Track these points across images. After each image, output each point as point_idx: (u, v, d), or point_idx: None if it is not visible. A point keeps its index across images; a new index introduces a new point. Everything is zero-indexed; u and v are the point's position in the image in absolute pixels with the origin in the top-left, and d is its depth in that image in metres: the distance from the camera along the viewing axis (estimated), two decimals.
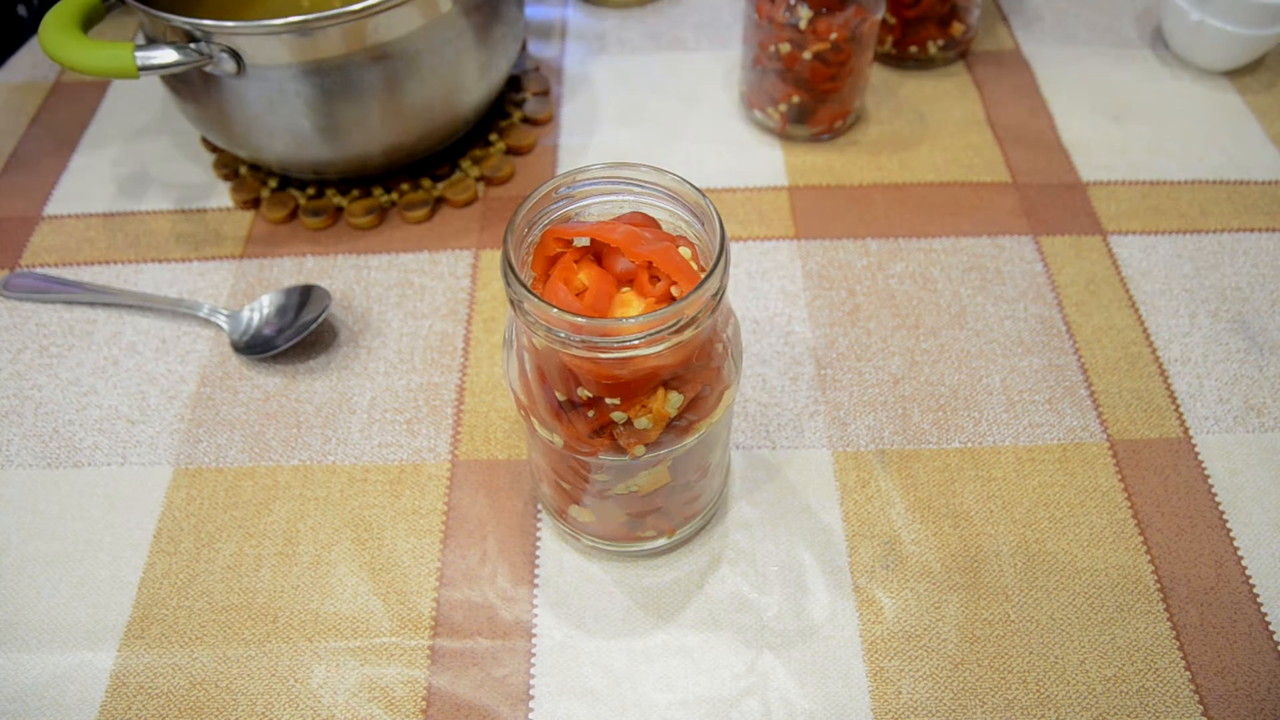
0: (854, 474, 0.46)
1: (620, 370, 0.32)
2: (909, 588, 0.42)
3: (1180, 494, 0.45)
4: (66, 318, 0.53)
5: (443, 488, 0.46)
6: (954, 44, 0.66)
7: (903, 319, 0.52)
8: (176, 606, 0.42)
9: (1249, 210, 0.58)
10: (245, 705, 0.39)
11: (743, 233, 0.57)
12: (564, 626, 0.41)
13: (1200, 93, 0.65)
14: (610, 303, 0.33)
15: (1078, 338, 0.51)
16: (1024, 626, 0.41)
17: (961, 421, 0.48)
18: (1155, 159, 0.61)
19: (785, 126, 0.62)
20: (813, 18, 0.55)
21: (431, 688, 0.40)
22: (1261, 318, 0.52)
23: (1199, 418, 0.48)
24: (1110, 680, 0.40)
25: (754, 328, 0.52)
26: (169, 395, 0.50)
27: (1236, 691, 0.39)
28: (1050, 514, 0.45)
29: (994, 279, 0.54)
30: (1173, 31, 0.66)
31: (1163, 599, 0.42)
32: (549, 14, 0.73)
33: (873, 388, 0.49)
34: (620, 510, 0.40)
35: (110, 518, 0.45)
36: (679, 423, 0.35)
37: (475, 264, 0.56)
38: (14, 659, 0.41)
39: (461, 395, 0.49)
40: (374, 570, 0.43)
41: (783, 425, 0.48)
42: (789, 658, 0.40)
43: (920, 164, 0.61)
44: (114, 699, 0.40)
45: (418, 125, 0.56)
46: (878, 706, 0.39)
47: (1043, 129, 0.63)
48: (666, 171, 0.34)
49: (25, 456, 0.47)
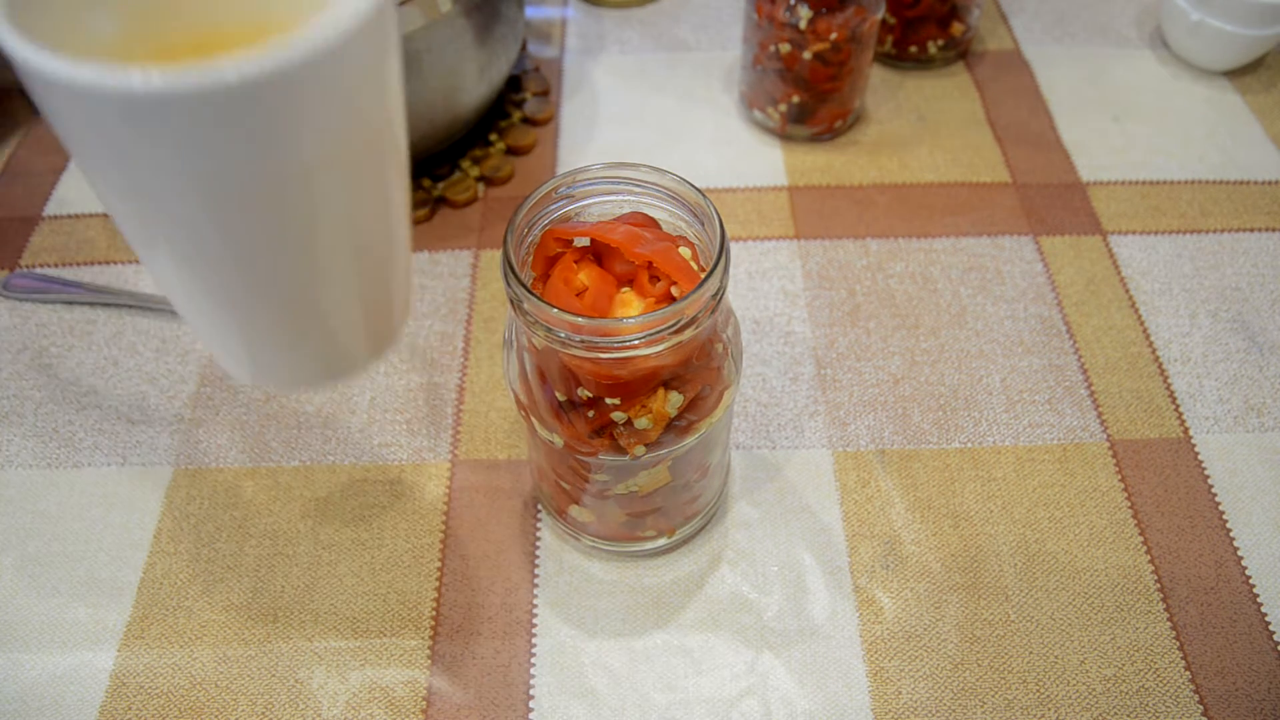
0: (854, 474, 0.46)
1: (620, 370, 0.32)
2: (909, 588, 0.42)
3: (1180, 494, 0.45)
4: (66, 318, 0.53)
5: (443, 488, 0.46)
6: (954, 44, 0.66)
7: (903, 319, 0.52)
8: (176, 606, 0.42)
9: (1249, 210, 0.58)
10: (245, 705, 0.39)
11: (743, 233, 0.57)
12: (564, 626, 0.41)
13: (1200, 93, 0.65)
14: (610, 303, 0.33)
15: (1078, 338, 0.51)
16: (1024, 626, 0.41)
17: (961, 421, 0.48)
18: (1155, 159, 0.61)
19: (785, 126, 0.62)
20: (813, 18, 0.55)
21: (431, 688, 0.40)
22: (1261, 318, 0.52)
23: (1199, 418, 0.48)
24: (1110, 680, 0.40)
25: (754, 328, 0.52)
26: (169, 395, 0.50)
27: (1236, 691, 0.39)
28: (1050, 514, 0.45)
29: (994, 279, 0.54)
30: (1172, 31, 0.66)
31: (1163, 599, 0.42)
32: (549, 14, 0.73)
33: (873, 388, 0.49)
34: (620, 510, 0.40)
35: (110, 518, 0.45)
36: (679, 423, 0.35)
37: (475, 264, 0.56)
38: (14, 659, 0.41)
39: (461, 395, 0.49)
40: (374, 570, 0.43)
41: (783, 425, 0.48)
42: (789, 658, 0.40)
43: (920, 164, 0.61)
44: (114, 699, 0.40)
45: (418, 125, 0.56)
46: (878, 706, 0.39)
47: (1043, 129, 0.63)
48: (666, 171, 0.34)
49: (25, 456, 0.47)
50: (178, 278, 0.24)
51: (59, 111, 0.20)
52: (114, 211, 0.23)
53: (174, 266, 0.23)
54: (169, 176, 0.20)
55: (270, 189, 0.21)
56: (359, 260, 0.25)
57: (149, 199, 0.21)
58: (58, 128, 0.21)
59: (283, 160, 0.21)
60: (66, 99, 0.19)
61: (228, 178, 0.20)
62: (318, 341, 0.27)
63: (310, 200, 0.22)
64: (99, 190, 0.22)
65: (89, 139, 0.20)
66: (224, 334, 0.26)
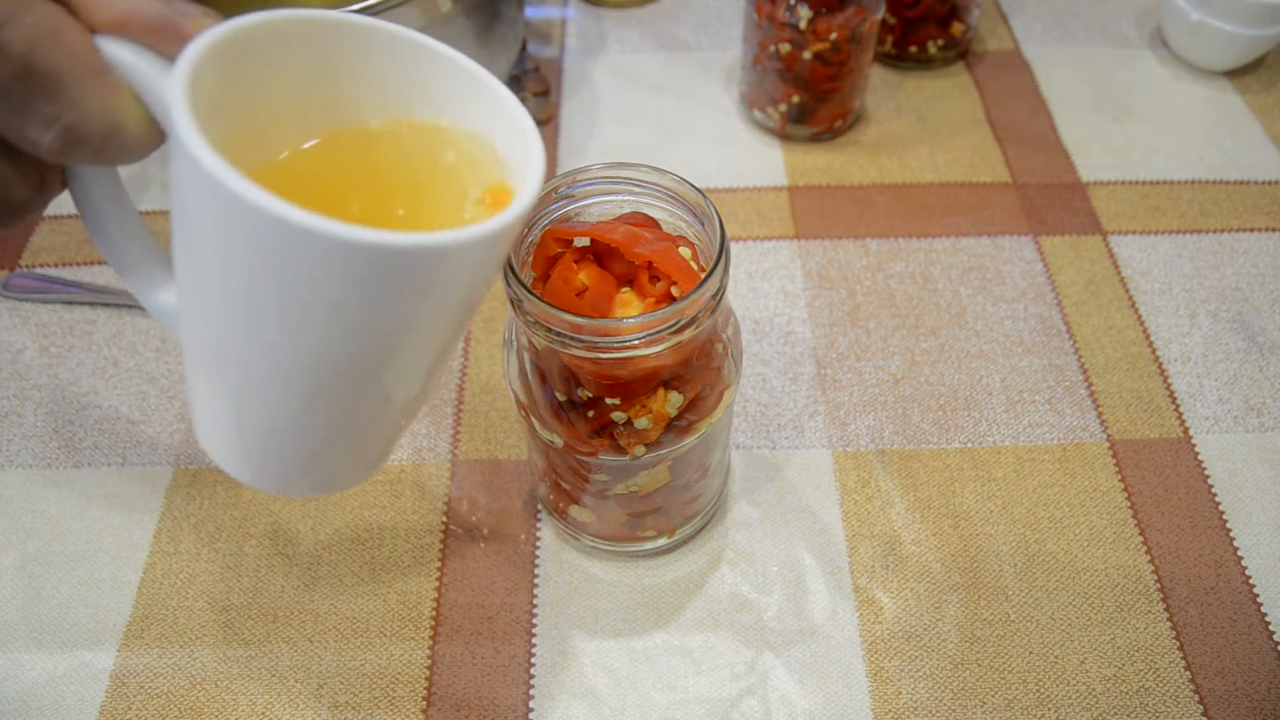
0: (854, 474, 0.46)
1: (620, 370, 0.32)
2: (909, 588, 0.42)
3: (1180, 494, 0.45)
4: (66, 318, 0.53)
5: (443, 488, 0.46)
6: (954, 44, 0.66)
7: (903, 319, 0.52)
8: (176, 606, 0.42)
9: (1249, 210, 0.58)
10: (245, 705, 0.39)
11: (743, 233, 0.57)
12: (564, 626, 0.41)
13: (1200, 93, 0.65)
14: (610, 303, 0.33)
15: (1078, 338, 0.51)
16: (1024, 626, 0.41)
17: (961, 421, 0.48)
18: (1155, 159, 0.61)
19: (785, 126, 0.62)
20: (813, 18, 0.55)
21: (432, 688, 0.40)
22: (1261, 318, 0.52)
23: (1199, 418, 0.48)
24: (1110, 680, 0.40)
25: (754, 328, 0.52)
26: (169, 395, 0.50)
27: (1236, 691, 0.39)
28: (1050, 514, 0.45)
29: (994, 279, 0.54)
30: (1172, 31, 0.66)
31: (1163, 599, 0.42)
32: (549, 14, 0.73)
33: (873, 388, 0.49)
34: (620, 510, 0.40)
35: (110, 518, 0.45)
36: (679, 423, 0.35)
37: None
38: (14, 659, 0.41)
39: (461, 395, 0.49)
40: (374, 570, 0.43)
41: (783, 425, 0.48)
42: (789, 658, 0.40)
43: (920, 164, 0.61)
44: (114, 699, 0.40)
45: None
46: (878, 706, 0.39)
47: (1043, 129, 0.63)
48: (666, 171, 0.34)
49: (25, 456, 0.47)
50: (245, 385, 0.24)
51: (276, 256, 0.20)
52: (228, 322, 0.23)
53: (252, 378, 0.24)
54: (341, 312, 0.21)
55: (402, 332, 0.23)
56: (410, 401, 0.27)
57: (296, 324, 0.22)
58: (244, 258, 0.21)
59: (425, 308, 0.23)
60: (317, 252, 0.20)
61: (382, 317, 0.22)
62: (335, 464, 0.28)
63: (416, 343, 0.24)
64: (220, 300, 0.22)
65: (293, 277, 0.20)
66: (252, 440, 0.26)
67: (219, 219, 0.20)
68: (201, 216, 0.21)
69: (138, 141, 0.22)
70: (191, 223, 0.21)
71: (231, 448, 0.27)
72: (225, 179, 0.19)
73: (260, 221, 0.19)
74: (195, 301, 0.24)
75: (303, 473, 0.28)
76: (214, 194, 0.20)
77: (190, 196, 0.21)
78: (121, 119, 0.22)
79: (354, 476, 0.29)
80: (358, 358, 0.23)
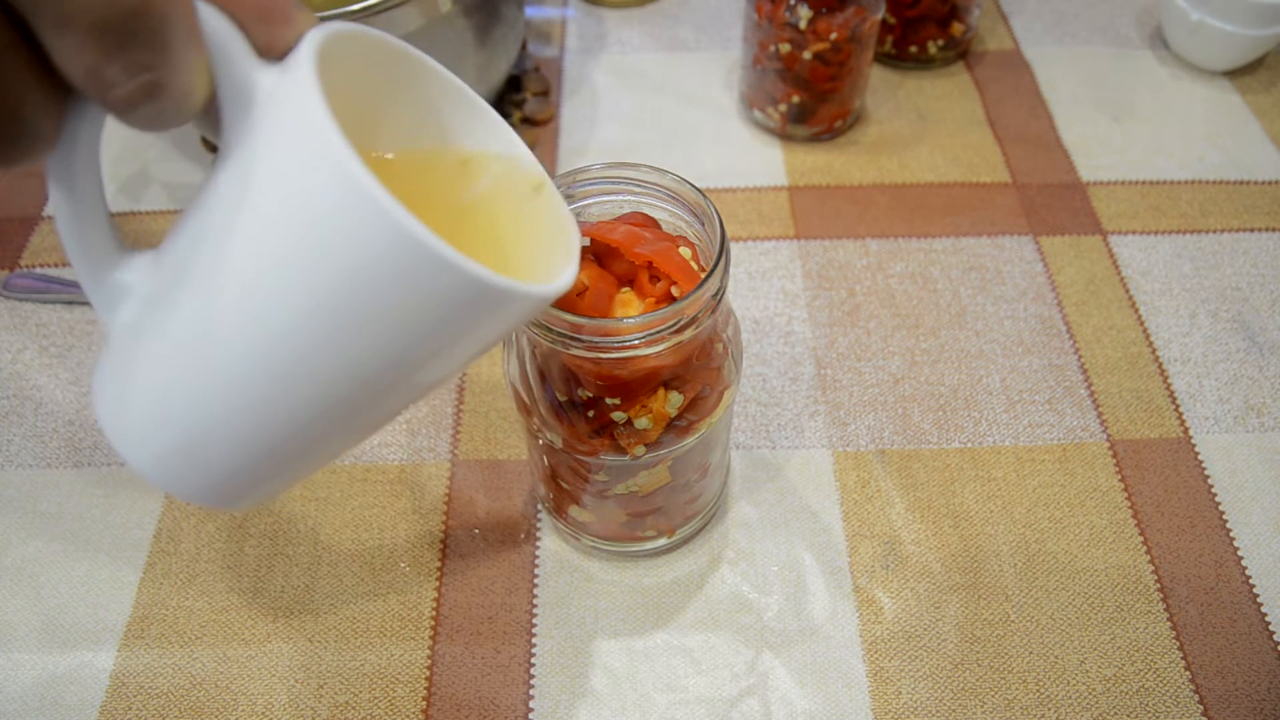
0: (854, 474, 0.46)
1: (620, 370, 0.32)
2: (909, 588, 0.42)
3: (1180, 494, 0.45)
4: (66, 318, 0.53)
5: (443, 488, 0.46)
6: (954, 44, 0.66)
7: (903, 319, 0.52)
8: (176, 606, 0.42)
9: (1249, 210, 0.58)
10: (245, 705, 0.39)
11: (743, 233, 0.57)
12: (564, 627, 0.41)
13: (1200, 93, 0.65)
14: (610, 303, 0.33)
15: (1078, 338, 0.51)
16: (1024, 626, 0.41)
17: (961, 421, 0.48)
18: (1155, 159, 0.61)
19: (785, 126, 0.62)
20: (813, 18, 0.55)
21: (432, 688, 0.40)
22: (1261, 318, 0.52)
23: (1199, 418, 0.48)
24: (1110, 680, 0.40)
25: (754, 328, 0.52)
26: None
27: (1236, 691, 0.39)
28: (1050, 514, 0.45)
29: (994, 279, 0.54)
30: (1172, 31, 0.66)
31: (1163, 599, 0.42)
32: (549, 14, 0.73)
33: (873, 388, 0.49)
34: (620, 510, 0.40)
35: (110, 518, 0.45)
36: (679, 423, 0.35)
37: None
38: (14, 659, 0.41)
39: (461, 395, 0.49)
40: (374, 570, 0.43)
41: (783, 425, 0.48)
42: (789, 658, 0.40)
43: (920, 164, 0.61)
44: (114, 699, 0.40)
45: None
46: (878, 706, 0.39)
47: (1043, 129, 0.63)
48: (666, 171, 0.34)
49: (25, 456, 0.47)
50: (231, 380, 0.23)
51: (387, 272, 0.20)
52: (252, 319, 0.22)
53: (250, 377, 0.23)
54: (411, 331, 0.22)
55: (451, 353, 0.24)
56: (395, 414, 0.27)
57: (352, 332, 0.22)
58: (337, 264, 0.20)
59: (478, 336, 0.24)
60: (440, 280, 0.21)
61: (450, 340, 0.23)
62: (280, 478, 0.27)
63: (448, 364, 0.25)
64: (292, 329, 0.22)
65: (388, 292, 0.21)
66: (202, 435, 0.25)
67: (330, 218, 0.20)
68: (299, 212, 0.20)
69: (193, 115, 0.21)
70: (260, 215, 0.21)
71: (163, 439, 0.26)
72: (362, 183, 0.19)
73: (394, 239, 0.20)
74: (204, 293, 0.23)
75: (260, 485, 0.27)
76: (339, 193, 0.19)
77: (288, 188, 0.20)
78: (196, 87, 0.21)
79: (278, 491, 0.28)
80: (386, 374, 0.23)
